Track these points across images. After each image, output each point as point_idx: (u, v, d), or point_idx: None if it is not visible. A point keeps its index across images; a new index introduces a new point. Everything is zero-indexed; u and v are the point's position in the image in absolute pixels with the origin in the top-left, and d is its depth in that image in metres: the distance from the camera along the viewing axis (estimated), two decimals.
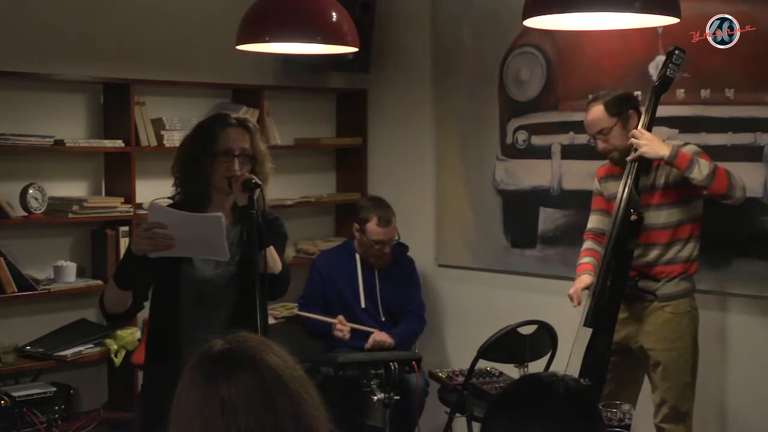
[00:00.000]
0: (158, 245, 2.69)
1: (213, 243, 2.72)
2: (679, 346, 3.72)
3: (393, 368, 3.81)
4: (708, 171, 3.52)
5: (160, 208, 2.75)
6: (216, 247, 2.72)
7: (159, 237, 2.68)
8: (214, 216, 2.74)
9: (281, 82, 5.20)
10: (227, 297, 2.94)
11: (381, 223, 4.63)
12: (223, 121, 2.99)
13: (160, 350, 2.96)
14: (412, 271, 4.92)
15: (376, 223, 4.63)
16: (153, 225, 2.69)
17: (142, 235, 2.70)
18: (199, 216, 2.84)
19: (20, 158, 4.23)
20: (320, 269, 4.77)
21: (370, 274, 4.75)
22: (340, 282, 4.72)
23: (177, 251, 2.74)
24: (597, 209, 3.98)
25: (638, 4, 2.62)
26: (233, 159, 2.91)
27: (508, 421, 1.58)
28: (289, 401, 1.52)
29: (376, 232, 4.63)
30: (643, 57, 4.26)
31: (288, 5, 3.26)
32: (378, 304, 4.73)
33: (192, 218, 2.78)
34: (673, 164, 3.57)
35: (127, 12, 4.57)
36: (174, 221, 2.70)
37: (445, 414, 4.04)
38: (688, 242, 3.72)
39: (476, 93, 4.93)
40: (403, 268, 4.86)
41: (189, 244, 2.74)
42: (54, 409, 4.10)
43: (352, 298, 4.70)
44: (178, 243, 2.70)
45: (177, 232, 2.69)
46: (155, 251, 2.71)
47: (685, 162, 3.54)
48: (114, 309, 2.89)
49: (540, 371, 1.81)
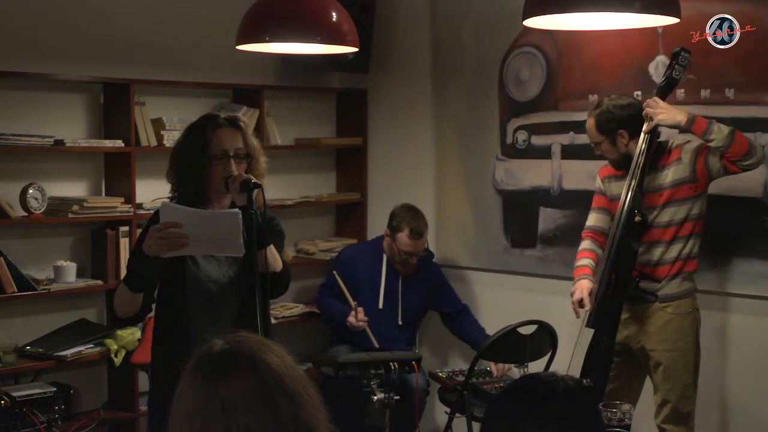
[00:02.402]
0: (172, 245, 2.68)
1: (228, 239, 2.70)
2: (681, 347, 3.72)
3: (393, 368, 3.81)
4: (728, 131, 3.51)
5: (172, 207, 2.73)
6: (231, 243, 2.71)
7: (173, 236, 2.67)
8: (231, 212, 2.72)
9: (281, 82, 5.20)
10: (232, 296, 2.95)
11: (413, 235, 4.60)
12: (213, 123, 2.96)
13: (167, 350, 2.95)
14: (440, 276, 4.90)
15: (407, 235, 4.60)
16: (167, 225, 2.68)
17: (156, 235, 2.68)
18: (215, 213, 2.83)
19: (20, 158, 4.23)
20: (343, 260, 4.80)
21: (393, 277, 4.74)
22: (361, 277, 4.71)
23: (191, 250, 2.73)
24: (598, 207, 3.97)
25: (638, 4, 2.62)
26: (229, 160, 2.90)
27: (508, 420, 1.58)
28: (289, 401, 1.52)
29: (406, 244, 4.61)
30: (643, 57, 4.26)
31: (288, 5, 3.26)
32: (398, 308, 4.71)
33: (208, 215, 2.78)
34: (691, 130, 3.56)
35: (127, 12, 4.57)
36: (188, 219, 2.68)
37: (445, 414, 4.04)
38: (689, 239, 3.72)
39: (476, 93, 4.93)
40: (429, 275, 4.83)
41: (203, 241, 2.72)
42: (54, 409, 4.10)
43: (369, 296, 4.68)
44: (193, 241, 2.69)
45: (192, 230, 2.68)
46: (170, 251, 2.71)
47: (703, 125, 3.53)
48: (125, 313, 2.88)
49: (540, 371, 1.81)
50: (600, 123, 3.74)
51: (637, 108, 3.73)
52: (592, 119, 3.78)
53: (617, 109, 3.73)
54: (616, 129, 3.71)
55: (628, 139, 3.71)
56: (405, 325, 4.73)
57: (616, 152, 3.75)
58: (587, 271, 3.85)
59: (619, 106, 3.74)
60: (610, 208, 3.89)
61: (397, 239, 4.62)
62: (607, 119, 3.73)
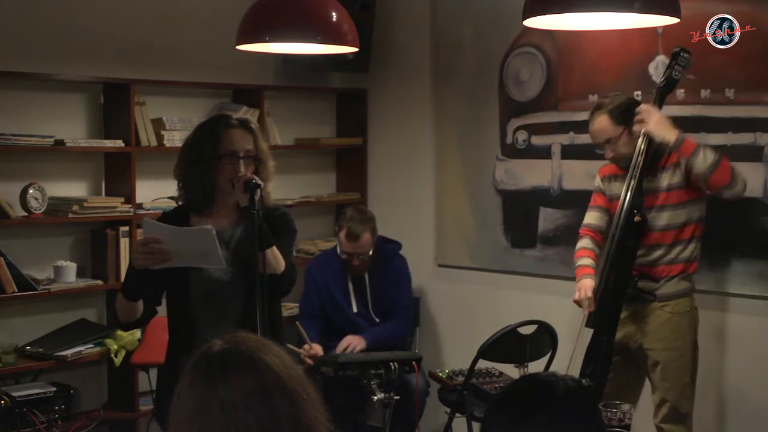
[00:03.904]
0: (156, 259, 2.80)
1: (207, 253, 2.82)
2: (679, 346, 3.71)
3: (393, 368, 3.80)
4: (712, 160, 3.50)
5: (153, 225, 2.87)
6: (210, 256, 2.82)
7: (155, 251, 2.79)
8: (205, 229, 2.81)
9: (281, 82, 5.20)
10: (236, 296, 2.97)
11: (349, 236, 4.51)
12: (226, 123, 3.00)
13: (175, 349, 3.03)
14: (401, 269, 4.80)
15: (344, 235, 4.52)
16: (148, 240, 2.81)
17: (140, 250, 2.82)
18: (189, 230, 2.92)
19: (20, 158, 4.23)
20: (314, 275, 4.69)
21: (360, 277, 4.68)
22: (333, 286, 4.65)
23: (175, 262, 2.85)
24: (597, 206, 3.95)
25: (638, 4, 2.62)
26: (238, 161, 2.92)
27: (508, 421, 1.58)
28: (288, 401, 1.52)
29: (344, 244, 4.55)
30: (643, 57, 4.26)
31: (288, 5, 3.26)
32: (369, 308, 4.67)
33: (183, 232, 2.87)
34: (678, 150, 3.55)
35: (127, 12, 4.57)
36: (167, 236, 2.82)
37: (445, 414, 4.04)
38: (690, 242, 3.72)
39: (476, 93, 4.93)
40: (394, 267, 4.76)
41: (185, 255, 2.85)
42: (54, 409, 4.10)
43: (344, 302, 4.64)
44: (175, 255, 2.82)
45: (171, 245, 2.81)
46: (155, 264, 2.82)
47: (690, 149, 3.53)
48: (126, 319, 3.00)
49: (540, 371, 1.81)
50: (615, 115, 3.69)
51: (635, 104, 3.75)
52: (604, 115, 3.71)
53: (625, 100, 3.74)
54: (632, 116, 3.67)
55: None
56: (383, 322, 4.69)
57: (632, 145, 3.67)
58: (589, 270, 3.83)
59: (624, 98, 3.76)
60: (608, 207, 3.88)
61: (338, 239, 4.60)
62: (622, 109, 3.69)
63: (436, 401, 4.37)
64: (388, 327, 4.65)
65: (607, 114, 3.71)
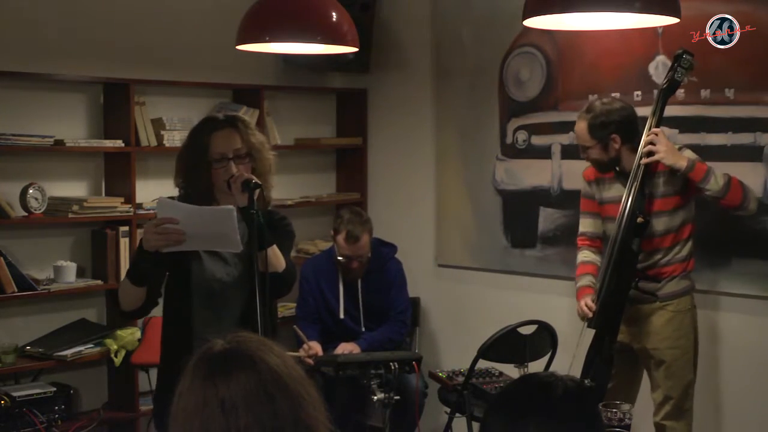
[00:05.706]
0: (169, 240, 2.70)
1: (225, 235, 2.71)
2: (683, 344, 3.72)
3: (393, 368, 3.80)
4: (723, 182, 3.53)
5: (168, 204, 2.75)
6: (228, 238, 2.71)
7: (170, 232, 2.69)
8: (226, 209, 2.72)
9: (281, 82, 5.20)
10: (237, 295, 2.96)
11: (348, 239, 4.47)
12: (210, 126, 2.97)
13: (173, 348, 2.97)
14: (397, 273, 4.73)
15: (344, 238, 4.47)
16: (163, 220, 2.70)
17: (153, 230, 2.70)
18: (210, 209, 2.82)
19: (20, 158, 4.24)
20: (307, 277, 4.62)
21: (353, 281, 4.61)
22: (325, 289, 4.59)
23: (189, 245, 2.74)
24: (589, 212, 3.94)
25: (638, 4, 2.62)
26: (228, 162, 2.90)
27: (508, 420, 1.58)
28: (289, 401, 1.52)
29: (343, 247, 4.50)
30: (643, 57, 4.26)
31: (288, 5, 3.26)
32: (360, 312, 4.60)
33: (203, 211, 2.77)
34: (689, 176, 3.56)
35: (127, 12, 4.57)
36: (184, 215, 2.69)
37: (445, 414, 4.04)
38: (687, 242, 3.74)
39: (476, 93, 4.93)
40: (389, 272, 4.69)
41: (201, 237, 2.73)
42: (54, 409, 4.10)
43: (335, 306, 4.59)
44: (190, 236, 2.70)
45: (188, 226, 2.69)
46: (167, 246, 2.71)
47: (702, 173, 3.54)
48: (128, 306, 2.90)
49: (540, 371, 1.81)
50: (593, 128, 3.69)
51: (630, 111, 3.73)
52: (584, 123, 3.72)
53: (611, 114, 3.69)
54: (609, 135, 3.68)
55: (620, 144, 3.69)
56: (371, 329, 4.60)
57: (606, 156, 3.71)
58: (590, 291, 3.81)
59: (612, 110, 3.70)
60: (599, 211, 3.87)
61: (336, 242, 4.54)
62: (601, 124, 3.68)
63: (436, 401, 4.37)
64: (383, 332, 4.60)
65: (586, 123, 3.72)
